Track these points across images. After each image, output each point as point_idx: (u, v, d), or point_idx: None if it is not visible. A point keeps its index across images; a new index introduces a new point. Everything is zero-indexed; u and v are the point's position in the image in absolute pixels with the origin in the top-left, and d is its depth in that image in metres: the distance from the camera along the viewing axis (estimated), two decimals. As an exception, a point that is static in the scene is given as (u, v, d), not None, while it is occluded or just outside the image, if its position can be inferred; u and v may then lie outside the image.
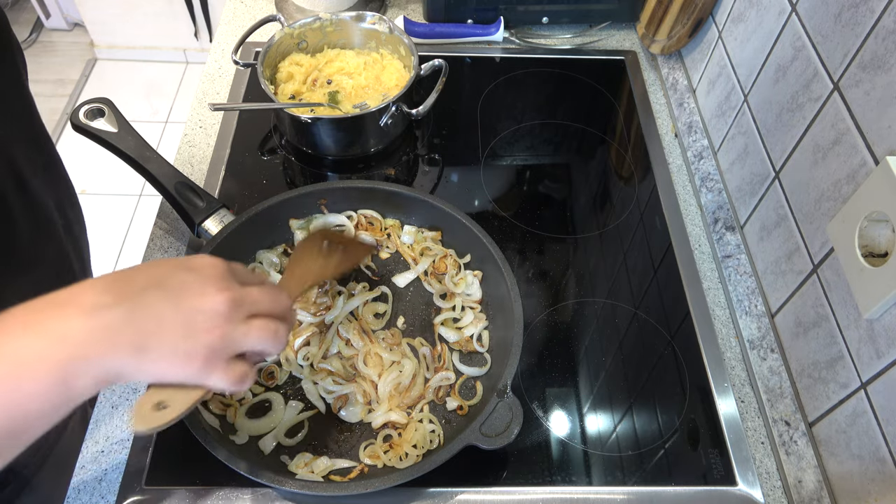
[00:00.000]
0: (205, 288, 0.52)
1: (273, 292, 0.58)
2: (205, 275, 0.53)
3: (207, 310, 0.51)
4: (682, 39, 1.09)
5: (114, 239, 2.34)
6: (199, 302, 0.51)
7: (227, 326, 0.52)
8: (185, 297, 0.51)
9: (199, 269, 0.53)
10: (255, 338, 0.54)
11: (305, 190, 0.89)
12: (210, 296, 0.52)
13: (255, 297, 0.55)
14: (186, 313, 0.51)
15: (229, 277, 0.54)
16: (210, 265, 0.54)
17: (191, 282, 0.52)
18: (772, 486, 0.76)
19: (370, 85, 1.07)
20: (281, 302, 0.58)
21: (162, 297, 0.50)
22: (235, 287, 0.54)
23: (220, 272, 0.54)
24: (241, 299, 0.53)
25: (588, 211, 1.00)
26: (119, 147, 0.86)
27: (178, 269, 0.53)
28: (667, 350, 0.85)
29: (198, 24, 2.71)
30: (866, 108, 0.65)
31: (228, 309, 0.52)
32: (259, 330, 0.54)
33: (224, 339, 0.52)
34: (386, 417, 0.75)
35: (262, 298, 0.56)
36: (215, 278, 0.53)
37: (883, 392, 0.62)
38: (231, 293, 0.53)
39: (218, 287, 0.52)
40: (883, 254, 0.62)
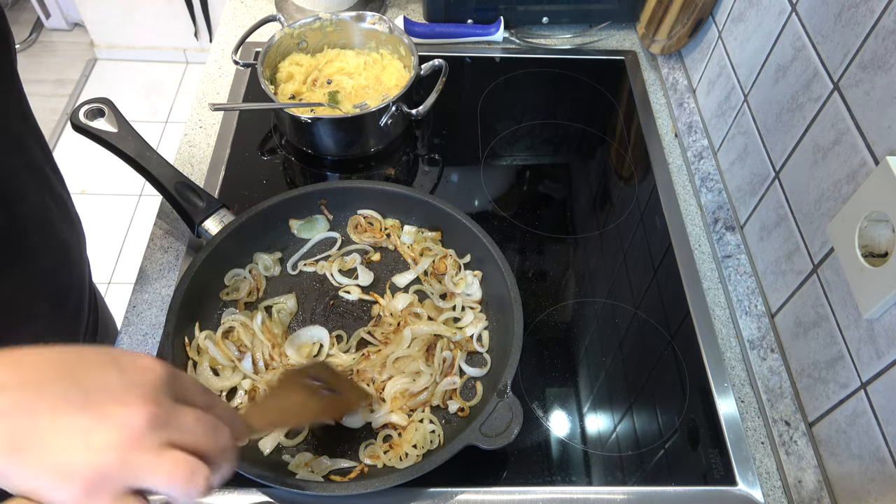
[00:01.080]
0: (127, 395, 0.42)
1: (212, 424, 0.46)
2: (136, 379, 0.43)
3: (118, 422, 0.41)
4: (682, 39, 1.09)
5: (114, 239, 2.34)
6: (112, 409, 0.41)
7: (134, 451, 0.41)
8: (98, 401, 0.41)
9: (132, 371, 0.44)
10: (163, 474, 0.42)
11: (305, 190, 0.89)
12: (127, 405, 0.42)
13: (185, 422, 0.44)
14: (90, 420, 0.40)
15: (163, 391, 0.44)
16: (148, 369, 0.44)
17: (114, 383, 0.42)
18: (772, 486, 0.76)
19: (370, 85, 1.07)
20: (218, 439, 0.47)
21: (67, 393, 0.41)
22: (165, 404, 0.43)
23: (154, 380, 0.44)
24: (165, 420, 0.43)
25: (588, 211, 1.00)
26: (119, 147, 0.87)
27: (106, 361, 0.44)
28: (667, 350, 0.85)
29: (198, 24, 2.71)
30: (866, 108, 0.65)
31: (144, 427, 0.41)
32: (170, 467, 0.42)
33: (123, 465, 0.41)
34: (386, 418, 0.75)
35: (193, 427, 0.45)
36: (146, 387, 0.43)
37: (883, 392, 0.62)
38: (156, 409, 0.42)
39: (144, 398, 0.42)
40: (883, 254, 0.62)
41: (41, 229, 0.71)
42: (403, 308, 0.83)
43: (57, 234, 0.74)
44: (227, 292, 0.84)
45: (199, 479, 0.44)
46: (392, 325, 0.82)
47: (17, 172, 0.66)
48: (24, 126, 0.68)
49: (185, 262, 0.90)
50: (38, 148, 0.71)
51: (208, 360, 0.77)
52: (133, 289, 0.88)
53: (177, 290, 0.77)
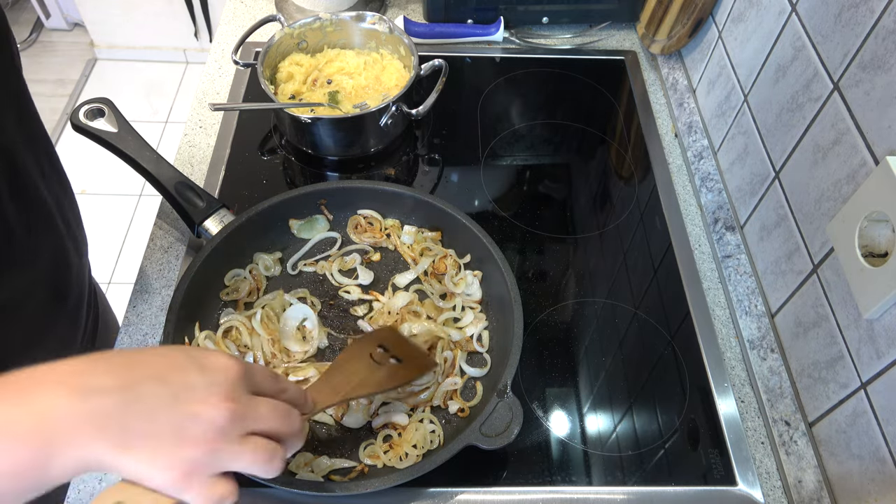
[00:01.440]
0: (209, 395, 0.48)
1: (284, 410, 0.53)
2: (215, 379, 0.49)
3: (204, 419, 0.47)
4: (682, 39, 1.09)
5: (114, 239, 2.34)
6: (197, 408, 0.47)
7: (220, 442, 0.47)
8: (185, 400, 0.47)
9: (211, 371, 0.49)
10: (246, 460, 0.49)
11: (305, 190, 0.89)
12: (211, 404, 0.48)
13: (260, 412, 0.51)
14: (181, 418, 0.47)
15: (240, 386, 0.50)
16: (224, 368, 0.50)
17: (197, 383, 0.48)
18: (772, 486, 0.76)
19: (370, 85, 1.07)
20: (291, 423, 0.54)
21: (161, 394, 0.47)
22: (242, 398, 0.50)
23: (231, 378, 0.50)
24: (244, 414, 0.49)
25: (588, 211, 1.00)
26: (119, 147, 0.87)
27: (188, 364, 0.49)
28: (667, 350, 0.85)
29: (198, 24, 2.71)
30: (866, 108, 0.65)
31: (226, 422, 0.48)
32: (253, 452, 0.49)
33: (212, 454, 0.47)
34: (388, 418, 0.75)
35: (268, 415, 0.51)
36: (224, 385, 0.49)
37: (883, 392, 0.62)
38: (235, 405, 0.49)
39: (223, 396, 0.48)
40: (883, 254, 0.62)
41: (41, 229, 0.71)
42: (402, 306, 0.83)
43: (57, 233, 0.74)
44: (227, 292, 0.84)
45: (276, 459, 0.51)
46: (389, 322, 0.82)
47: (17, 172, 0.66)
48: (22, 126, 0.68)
49: (185, 262, 0.90)
50: (40, 148, 0.71)
51: None
52: (133, 289, 0.88)
53: (177, 290, 0.77)
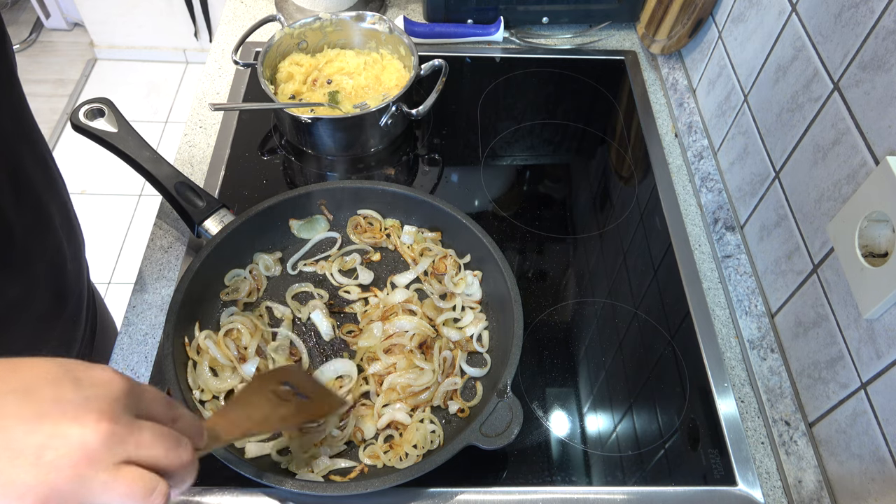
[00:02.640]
0: (82, 411, 0.41)
1: (172, 439, 0.46)
2: (92, 394, 0.42)
3: (71, 440, 0.40)
4: (682, 39, 1.09)
5: (114, 239, 2.34)
6: (65, 427, 0.40)
7: (88, 468, 0.40)
8: (52, 416, 0.40)
9: (89, 385, 0.42)
10: (119, 492, 0.41)
11: (305, 190, 0.89)
12: (82, 423, 0.41)
13: (143, 438, 0.43)
14: (43, 438, 0.40)
15: (122, 405, 0.43)
16: (105, 383, 0.43)
17: (69, 399, 0.41)
18: (772, 486, 0.76)
19: (370, 85, 1.07)
20: (178, 453, 0.46)
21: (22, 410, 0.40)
22: (122, 419, 0.42)
23: (113, 395, 0.43)
24: (122, 438, 0.42)
25: (588, 211, 1.00)
26: (119, 147, 0.87)
27: (62, 375, 0.42)
28: (667, 350, 0.85)
29: (198, 24, 2.71)
30: (866, 108, 0.65)
31: (99, 445, 0.41)
32: (128, 484, 0.42)
33: (77, 482, 0.40)
34: (391, 416, 0.75)
35: (152, 442, 0.44)
36: (102, 402, 0.42)
37: (883, 392, 0.62)
38: (111, 426, 0.41)
39: (99, 414, 0.41)
40: (883, 254, 0.62)
41: (40, 231, 0.71)
42: (399, 302, 0.83)
43: (56, 235, 0.74)
44: (227, 292, 0.84)
45: (156, 495, 0.43)
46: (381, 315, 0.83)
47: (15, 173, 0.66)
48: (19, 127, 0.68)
49: (185, 262, 0.90)
50: (36, 149, 0.71)
51: (208, 360, 0.77)
52: (133, 289, 0.88)
53: (177, 290, 0.77)
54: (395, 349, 0.79)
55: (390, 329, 0.81)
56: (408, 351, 0.79)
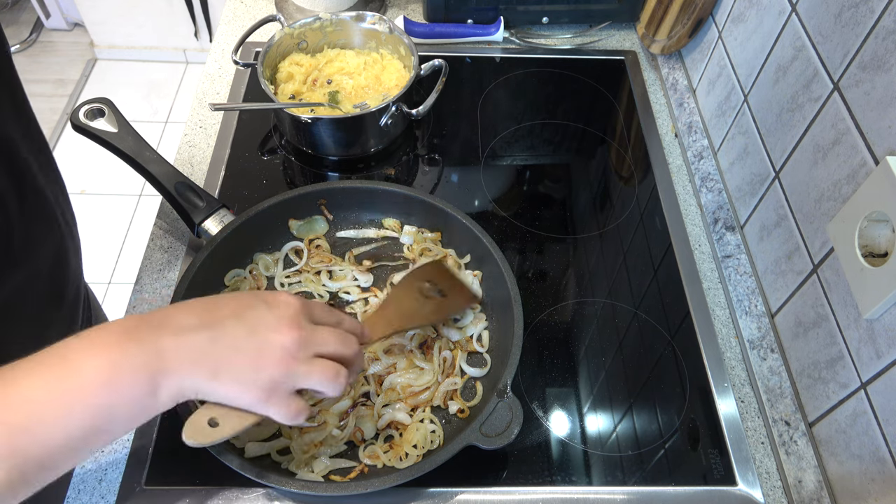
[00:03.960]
0: (279, 324, 0.56)
1: (343, 336, 0.61)
2: (280, 313, 0.57)
3: (276, 345, 0.56)
4: (682, 39, 1.09)
5: (114, 239, 2.34)
6: (270, 337, 0.56)
7: (292, 363, 0.56)
8: (260, 331, 0.56)
9: (277, 306, 0.58)
10: (315, 378, 0.57)
11: (305, 190, 0.89)
12: (281, 333, 0.56)
13: (323, 338, 0.59)
14: (258, 345, 0.55)
15: (302, 317, 0.58)
16: (287, 303, 0.58)
17: (267, 317, 0.57)
18: (772, 486, 0.76)
19: (370, 85, 1.07)
20: (349, 346, 0.61)
21: (239, 328, 0.56)
22: (307, 326, 0.58)
23: (294, 311, 0.58)
24: (309, 339, 0.58)
25: (588, 211, 1.00)
26: (119, 147, 0.86)
27: (258, 302, 0.58)
28: (667, 350, 0.85)
29: (198, 24, 2.71)
30: (866, 108, 0.65)
31: (295, 347, 0.56)
32: (321, 371, 0.58)
33: (287, 374, 0.56)
34: (391, 416, 0.75)
35: (330, 340, 0.59)
36: (289, 317, 0.57)
37: (883, 392, 0.62)
38: (300, 332, 0.57)
39: (290, 325, 0.57)
40: (883, 254, 0.62)
41: (39, 229, 0.71)
42: None
43: (54, 234, 0.74)
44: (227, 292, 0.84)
45: (341, 376, 0.59)
46: None
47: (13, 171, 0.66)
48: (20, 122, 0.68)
49: (185, 262, 0.90)
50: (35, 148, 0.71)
51: None
52: (133, 289, 0.88)
53: (177, 291, 0.77)
54: (395, 349, 0.79)
55: None
56: (408, 351, 0.79)
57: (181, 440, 0.57)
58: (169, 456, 0.73)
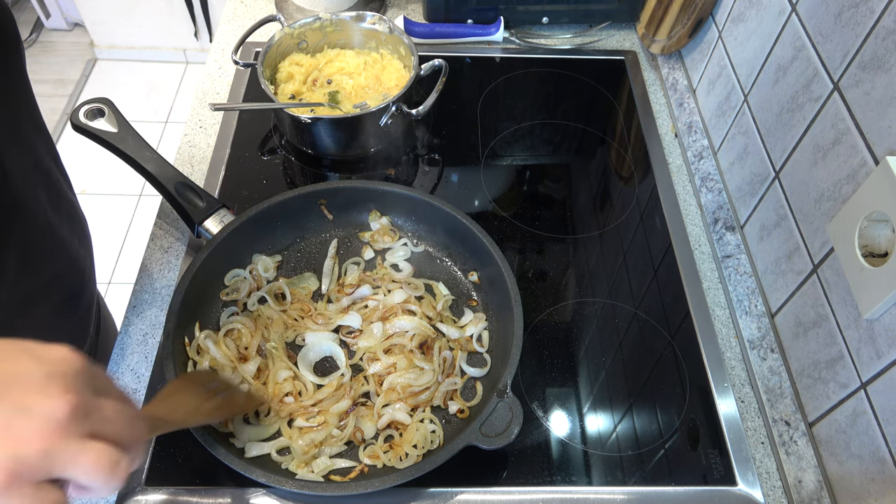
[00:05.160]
0: (48, 385, 0.41)
1: (130, 415, 0.46)
2: (53, 369, 0.42)
3: (39, 413, 0.40)
4: (682, 39, 1.09)
5: (114, 239, 2.34)
6: (33, 400, 0.40)
7: (56, 440, 0.40)
8: (17, 390, 0.41)
9: (49, 361, 0.43)
10: (86, 464, 0.41)
11: (305, 190, 0.88)
12: (50, 396, 0.41)
13: (106, 413, 0.44)
14: (9, 412, 0.40)
15: (82, 381, 0.43)
16: (65, 360, 0.43)
17: (32, 373, 0.41)
18: (772, 486, 0.76)
19: (370, 85, 1.07)
20: (136, 429, 0.46)
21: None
22: (86, 393, 0.43)
23: (73, 370, 0.43)
24: (87, 410, 0.42)
25: (588, 211, 1.00)
26: (119, 147, 0.87)
27: (21, 353, 0.43)
28: (667, 350, 0.85)
29: (198, 24, 2.71)
30: (866, 108, 0.65)
31: (67, 417, 0.41)
32: (94, 457, 0.41)
33: (45, 455, 0.40)
34: (391, 416, 0.75)
35: (115, 418, 0.44)
36: (65, 377, 0.42)
37: (883, 392, 0.62)
38: (78, 399, 0.42)
39: (65, 388, 0.41)
40: (883, 254, 0.62)
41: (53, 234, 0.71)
42: (398, 303, 0.83)
43: (68, 238, 0.74)
44: (226, 292, 0.84)
45: (120, 468, 0.43)
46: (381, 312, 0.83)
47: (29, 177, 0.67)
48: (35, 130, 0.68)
49: (185, 262, 0.90)
50: (47, 152, 0.71)
51: (208, 360, 0.77)
52: (133, 289, 0.88)
53: (177, 290, 0.77)
54: (395, 349, 0.79)
55: (390, 329, 0.81)
56: (408, 351, 0.79)
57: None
58: (169, 456, 0.73)
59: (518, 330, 0.76)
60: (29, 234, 0.66)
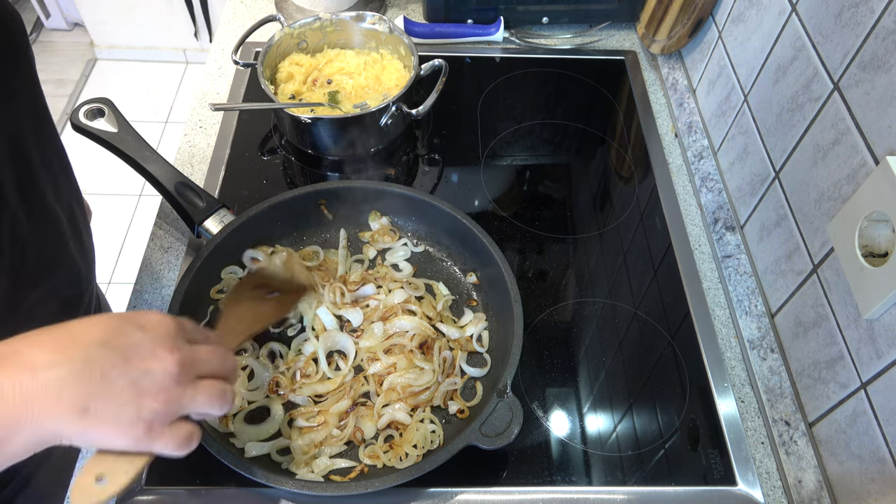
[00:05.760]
0: (155, 349, 0.49)
1: (221, 353, 0.56)
2: (155, 334, 0.50)
3: (157, 372, 0.49)
4: (682, 39, 1.09)
5: (114, 239, 2.34)
6: (149, 364, 0.49)
7: (176, 390, 0.50)
8: (135, 358, 0.48)
9: (150, 328, 0.51)
10: (202, 400, 0.52)
11: (305, 190, 0.88)
12: (160, 358, 0.49)
13: (204, 356, 0.53)
14: (135, 375, 0.48)
15: (179, 337, 0.52)
16: (160, 323, 0.52)
17: (141, 341, 0.49)
18: (772, 486, 0.76)
19: (370, 85, 1.07)
20: (228, 361, 0.56)
21: (110, 357, 0.48)
22: (185, 347, 0.52)
23: (170, 331, 0.51)
24: (191, 360, 0.51)
25: (588, 211, 1.00)
26: (119, 147, 0.87)
27: (127, 326, 0.50)
28: (667, 350, 0.85)
29: (198, 24, 2.71)
30: (866, 108, 0.65)
31: (178, 371, 0.50)
32: (208, 393, 0.52)
33: (170, 403, 0.49)
34: (391, 416, 0.75)
35: (210, 358, 0.54)
36: (165, 338, 0.51)
37: (883, 392, 0.62)
38: (181, 354, 0.51)
39: (168, 348, 0.50)
40: (883, 254, 0.62)
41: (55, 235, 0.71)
42: (399, 303, 0.83)
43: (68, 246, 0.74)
44: (218, 289, 0.83)
45: (227, 394, 0.54)
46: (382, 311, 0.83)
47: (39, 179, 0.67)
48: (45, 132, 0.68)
49: (185, 262, 0.90)
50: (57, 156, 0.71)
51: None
52: (133, 289, 0.88)
53: (177, 290, 0.77)
54: (396, 349, 0.79)
55: (391, 329, 0.81)
56: (408, 351, 0.79)
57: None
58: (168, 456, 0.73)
59: (518, 330, 0.76)
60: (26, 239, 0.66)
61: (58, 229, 0.72)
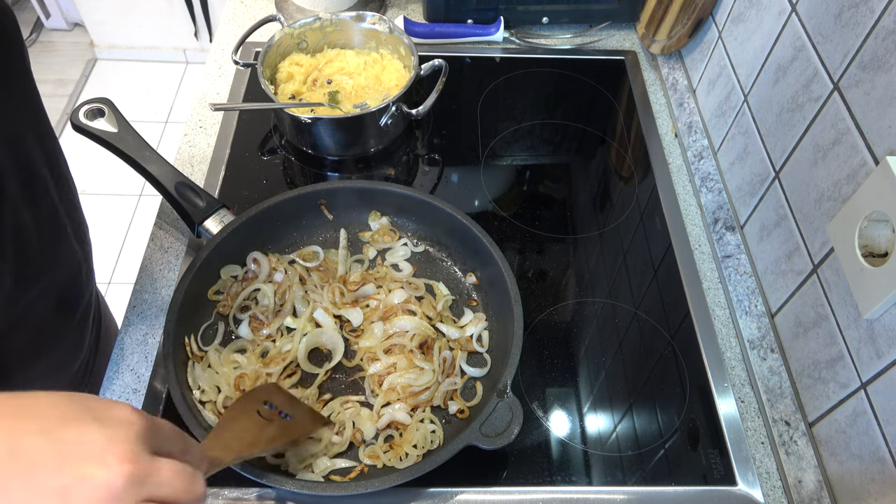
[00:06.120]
0: (106, 452, 0.41)
1: (189, 475, 0.46)
2: (113, 433, 0.42)
3: (96, 481, 0.40)
4: (682, 39, 1.09)
5: (114, 239, 2.34)
6: (89, 469, 0.41)
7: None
8: (75, 459, 0.41)
9: (110, 424, 0.43)
10: None
11: (305, 190, 0.89)
12: (107, 465, 0.41)
13: (163, 477, 0.44)
14: (66, 480, 0.40)
15: (142, 443, 0.43)
16: (125, 421, 0.43)
17: (92, 439, 0.42)
18: (772, 486, 0.76)
19: (370, 85, 1.07)
20: (194, 489, 0.46)
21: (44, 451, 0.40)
22: (144, 459, 0.43)
23: (134, 434, 0.43)
24: (144, 477, 0.42)
25: (588, 211, 1.00)
26: (119, 147, 0.87)
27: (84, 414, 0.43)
28: (667, 350, 0.85)
29: (198, 24, 2.71)
30: (866, 108, 0.65)
31: (123, 487, 0.41)
32: None
33: None
34: (391, 416, 0.75)
35: (171, 481, 0.44)
36: (124, 441, 0.42)
37: (883, 392, 0.62)
38: (135, 467, 0.42)
39: (122, 455, 0.42)
40: (883, 254, 0.62)
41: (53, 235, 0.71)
42: (398, 303, 0.83)
43: (68, 239, 0.74)
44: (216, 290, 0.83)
45: None
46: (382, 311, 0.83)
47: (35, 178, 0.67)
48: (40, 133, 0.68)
49: (185, 262, 0.90)
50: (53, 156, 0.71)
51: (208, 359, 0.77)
52: (133, 289, 0.88)
53: (177, 290, 0.77)
54: (396, 349, 0.79)
55: (391, 329, 0.81)
56: (408, 351, 0.79)
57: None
58: (169, 456, 0.73)
59: (518, 330, 0.76)
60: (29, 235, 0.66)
61: (59, 225, 0.72)
